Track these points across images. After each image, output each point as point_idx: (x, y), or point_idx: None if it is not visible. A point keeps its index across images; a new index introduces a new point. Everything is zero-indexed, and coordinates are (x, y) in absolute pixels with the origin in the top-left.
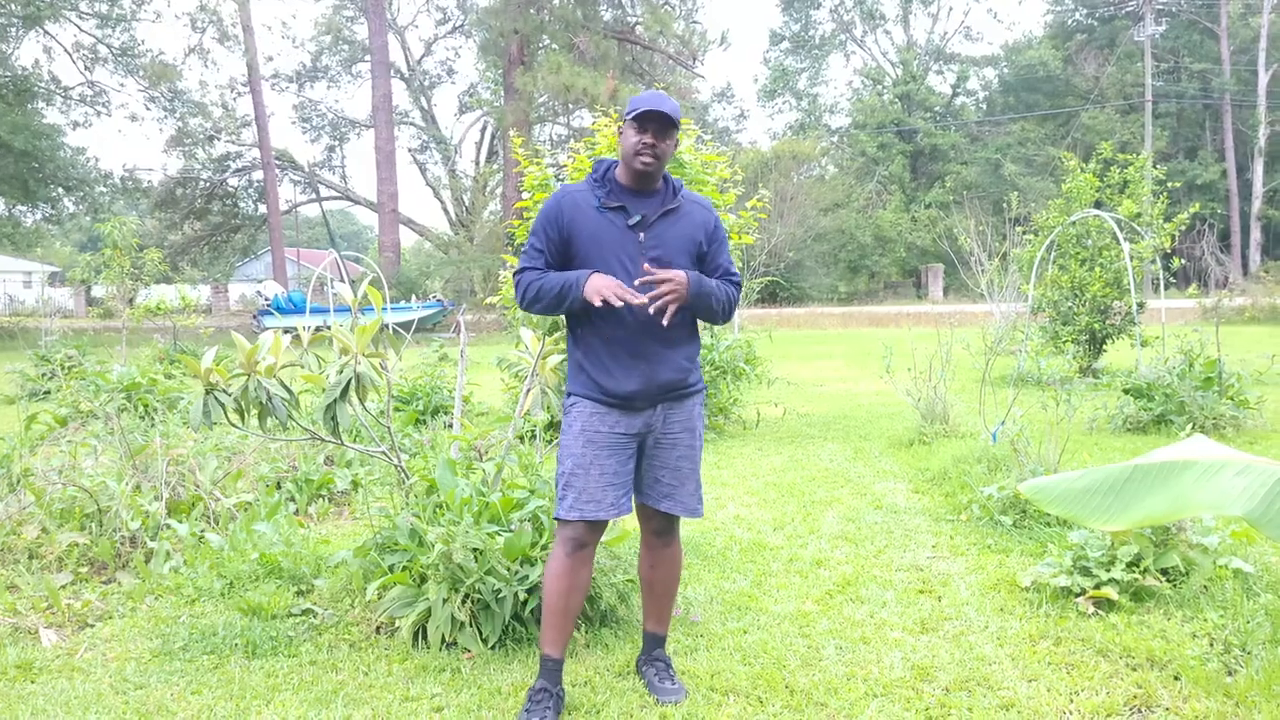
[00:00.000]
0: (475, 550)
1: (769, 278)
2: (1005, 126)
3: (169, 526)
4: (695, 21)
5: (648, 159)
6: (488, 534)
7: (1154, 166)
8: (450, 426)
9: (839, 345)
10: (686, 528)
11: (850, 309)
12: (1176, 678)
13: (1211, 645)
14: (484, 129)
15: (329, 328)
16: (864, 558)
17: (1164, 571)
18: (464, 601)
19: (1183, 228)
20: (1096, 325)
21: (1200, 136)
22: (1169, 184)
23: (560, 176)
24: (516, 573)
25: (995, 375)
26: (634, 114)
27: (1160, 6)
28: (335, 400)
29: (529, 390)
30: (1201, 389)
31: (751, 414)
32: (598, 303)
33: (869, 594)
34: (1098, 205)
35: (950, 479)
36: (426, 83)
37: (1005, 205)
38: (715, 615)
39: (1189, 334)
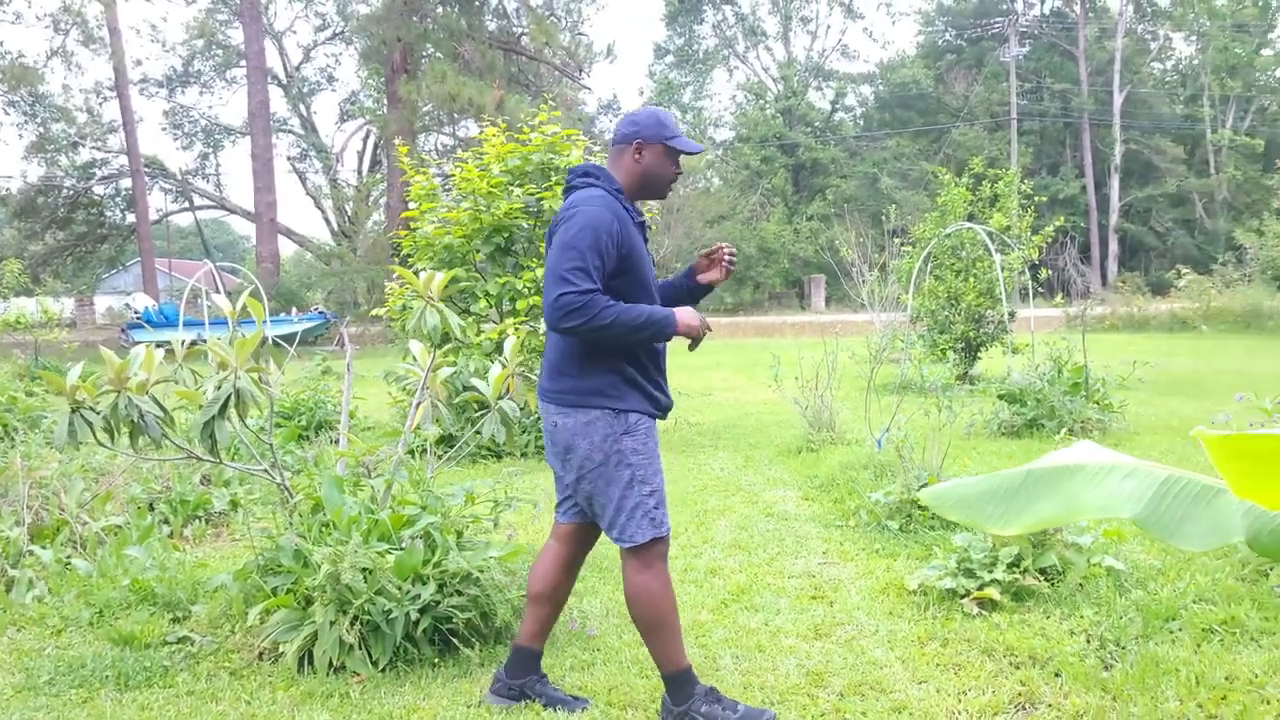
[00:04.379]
0: (364, 570)
1: None
2: (882, 142)
3: (31, 553)
4: (581, 34)
5: (668, 190)
6: (377, 553)
7: (1021, 181)
8: (336, 442)
9: (726, 355)
10: None
11: (736, 319)
12: (1057, 674)
13: (1088, 642)
14: (366, 137)
15: (205, 341)
16: (757, 565)
17: (1042, 571)
18: (353, 623)
19: (1049, 240)
20: (971, 333)
21: (1061, 153)
22: (1035, 198)
23: (447, 187)
24: (408, 592)
25: (879, 383)
26: (678, 147)
27: (1024, 29)
28: (213, 417)
29: (419, 404)
30: (1070, 394)
31: None
32: (689, 338)
33: (763, 602)
34: (970, 218)
35: (838, 485)
36: (305, 89)
37: (884, 217)
38: (611, 628)
39: (1058, 342)
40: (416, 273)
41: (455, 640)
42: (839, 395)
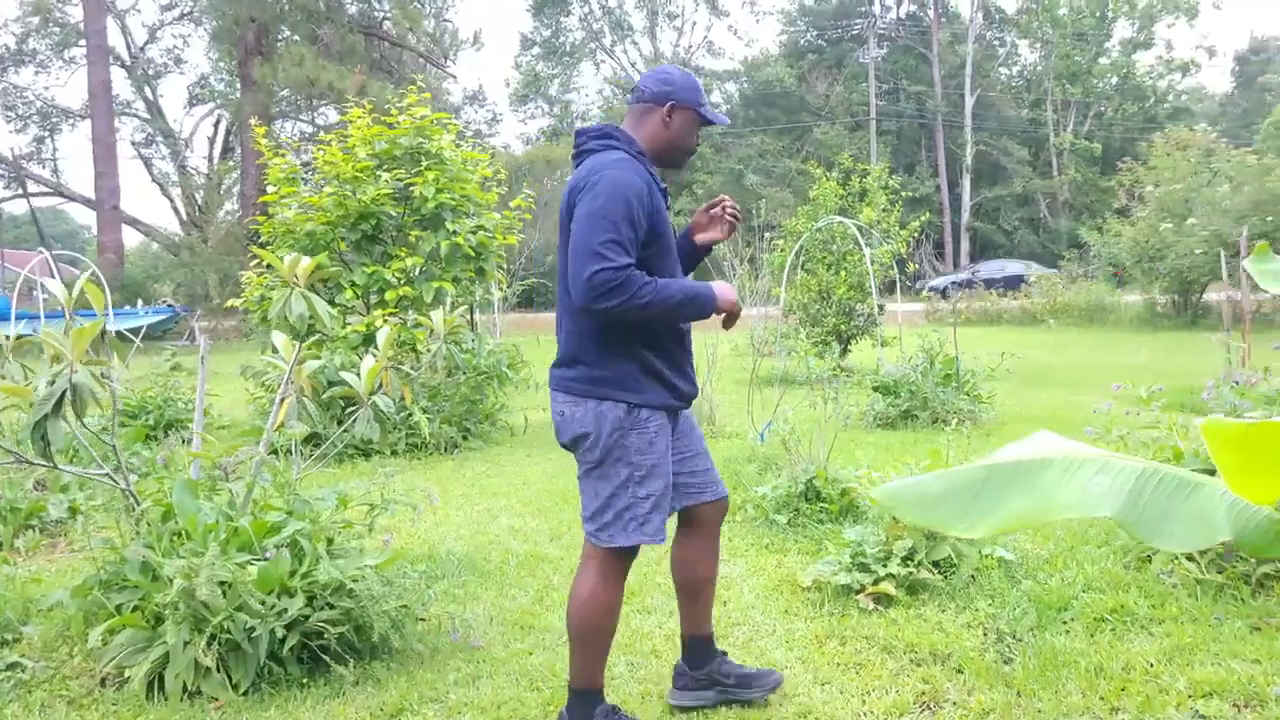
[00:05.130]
0: (222, 584)
1: (530, 281)
2: (747, 139)
3: None
4: (446, 20)
5: (686, 164)
6: (237, 564)
7: (889, 176)
8: (188, 442)
9: None
10: (462, 544)
11: None
12: (960, 670)
13: (985, 635)
14: (218, 123)
15: (36, 333)
16: (646, 564)
17: (936, 564)
18: (209, 643)
19: (915, 235)
20: (843, 326)
21: (917, 153)
22: (902, 194)
23: (306, 177)
24: (273, 606)
25: (758, 375)
26: (709, 117)
27: (881, 31)
28: (46, 416)
29: (283, 400)
30: (942, 386)
31: (519, 419)
32: (725, 315)
33: (655, 603)
34: (841, 212)
35: (726, 480)
36: (151, 71)
37: (754, 212)
38: (497, 637)
39: (929, 334)
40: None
41: (326, 657)
42: (718, 388)
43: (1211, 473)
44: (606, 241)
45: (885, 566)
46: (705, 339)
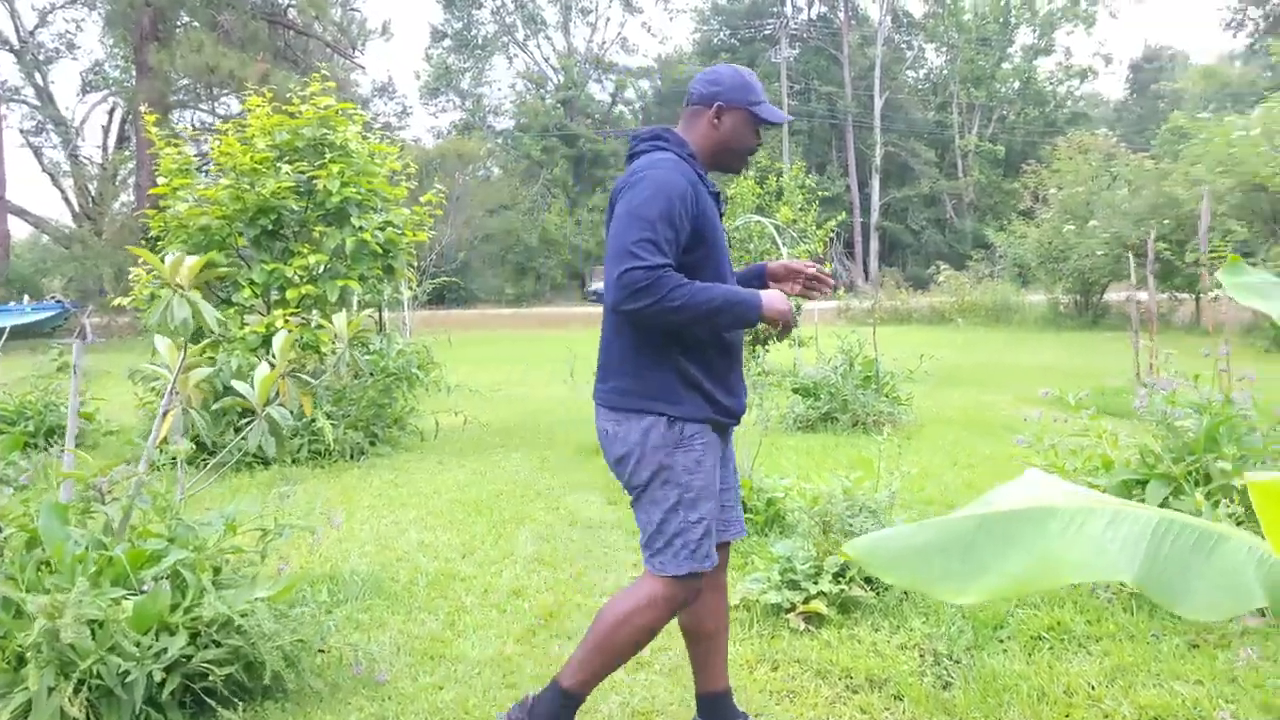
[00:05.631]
0: (93, 623)
1: (442, 279)
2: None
3: None
4: (354, 9)
5: (746, 165)
6: (110, 600)
7: (805, 176)
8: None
9: (513, 348)
10: (367, 561)
11: (519, 311)
12: (898, 698)
13: (922, 657)
14: (112, 111)
15: None
16: (564, 583)
17: (868, 580)
18: (77, 689)
19: (831, 234)
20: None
21: (828, 153)
22: (819, 193)
23: (205, 168)
24: (150, 647)
25: None
26: (762, 115)
27: (793, 32)
28: None
29: (167, 411)
30: (862, 388)
31: (430, 424)
32: (777, 327)
33: (575, 626)
34: (759, 210)
35: None
36: (42, 57)
37: None
38: (404, 670)
39: (848, 335)
40: (163, 257)
41: (212, 701)
42: None
43: (1144, 484)
44: (641, 240)
45: (816, 583)
46: None
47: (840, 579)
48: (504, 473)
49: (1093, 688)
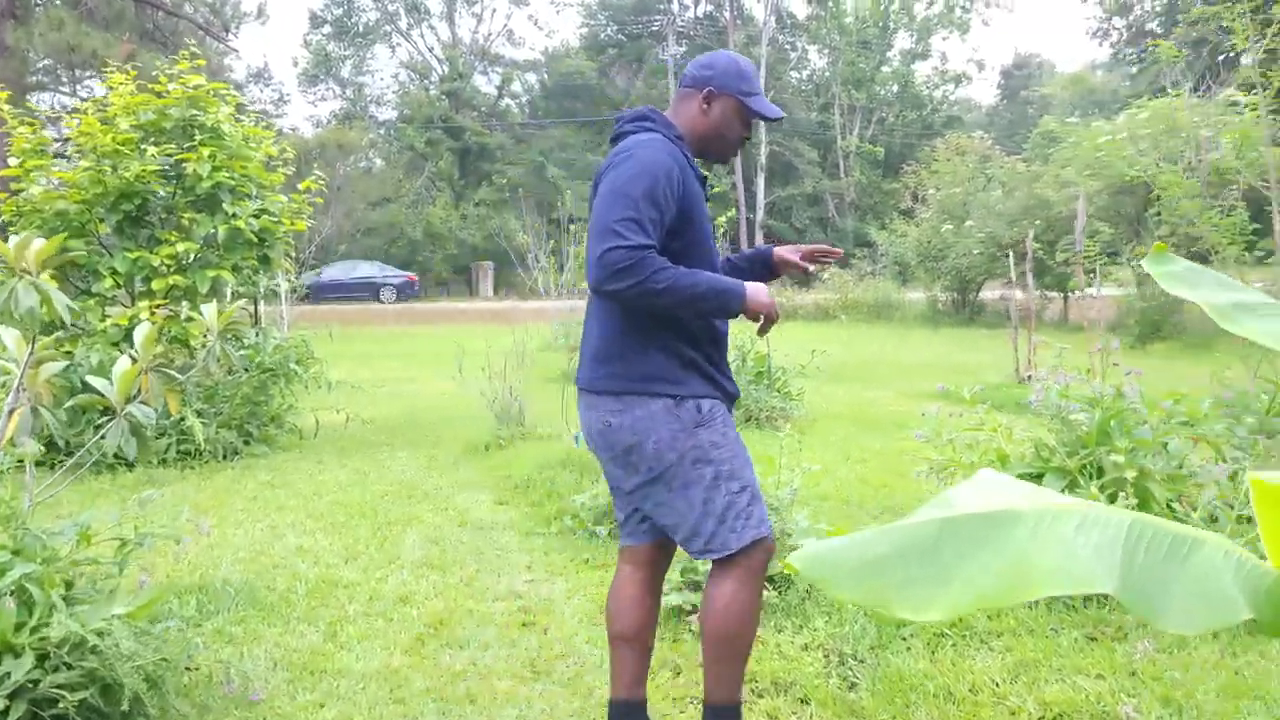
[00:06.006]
0: None
1: (321, 270)
2: (548, 131)
3: None
4: None
5: (734, 155)
6: None
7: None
8: None
9: (396, 343)
10: (240, 569)
11: (404, 306)
12: (804, 701)
13: (826, 658)
14: None
15: None
16: (455, 587)
17: (770, 579)
18: None
19: (722, 230)
20: None
21: None
22: (714, 187)
23: (63, 152)
24: None
25: (558, 373)
26: (753, 107)
27: (680, 29)
28: None
29: (13, 410)
30: (755, 383)
31: (309, 422)
32: (759, 322)
33: (467, 634)
34: None
35: (536, 487)
36: None
37: (560, 203)
38: (281, 687)
39: (739, 331)
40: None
41: None
42: (528, 387)
43: (1040, 477)
44: (624, 219)
45: None
46: (514, 333)
47: None
48: (389, 472)
49: (997, 685)
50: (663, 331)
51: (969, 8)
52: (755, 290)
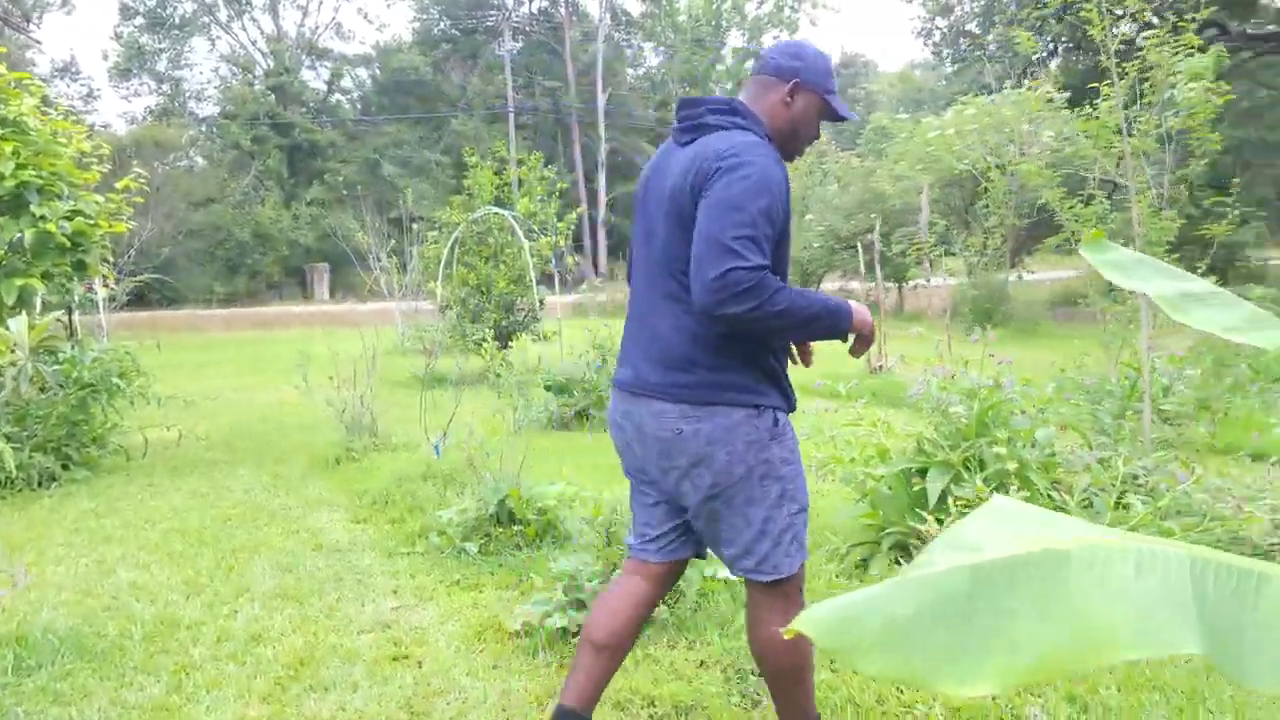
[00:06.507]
0: None
1: (145, 277)
2: (382, 127)
3: None
4: None
5: (800, 155)
6: None
7: (545, 168)
8: None
9: (227, 351)
10: (64, 613)
11: (233, 311)
12: None
13: (725, 675)
14: None
15: None
16: (314, 620)
17: None
18: None
19: (572, 226)
20: (505, 322)
21: (555, 148)
22: (560, 185)
23: None
24: None
25: (408, 377)
26: (835, 106)
27: (515, 25)
28: None
29: None
30: None
31: (137, 440)
32: (864, 342)
33: (332, 674)
34: (498, 202)
35: (396, 502)
36: None
37: (401, 202)
38: None
39: (599, 328)
40: None
41: None
42: (378, 393)
43: (924, 472)
44: (742, 237)
45: None
46: (363, 336)
47: None
48: (230, 493)
49: (902, 693)
50: (745, 343)
51: (797, 8)
52: (860, 309)
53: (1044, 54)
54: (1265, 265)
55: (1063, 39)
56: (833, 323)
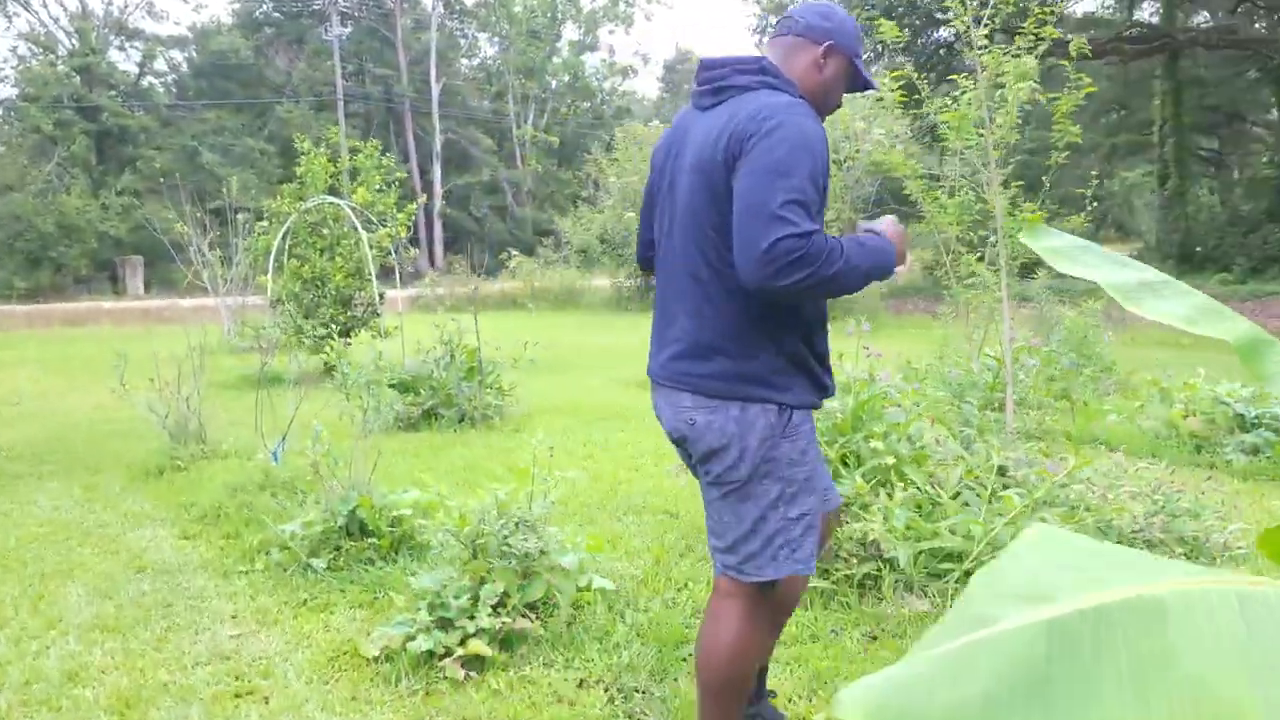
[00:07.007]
0: None
1: None
2: (200, 113)
3: None
4: None
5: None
6: None
7: (383, 156)
8: None
9: (29, 350)
10: None
11: (36, 307)
12: None
13: (608, 694)
14: None
15: None
16: (141, 654)
17: (531, 607)
18: None
19: (412, 218)
20: (343, 317)
21: (388, 138)
22: (398, 174)
23: None
24: None
25: (237, 378)
26: (863, 73)
27: (344, 10)
28: None
29: None
30: (467, 380)
31: None
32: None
33: (164, 716)
34: (332, 191)
35: (229, 516)
36: None
37: (225, 192)
38: None
39: (447, 324)
40: None
41: None
42: (206, 396)
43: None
44: (789, 203)
45: (474, 619)
46: (188, 334)
47: (500, 610)
48: (37, 509)
49: (793, 701)
50: (776, 325)
51: (633, 2)
52: (896, 236)
53: (872, 53)
54: None
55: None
56: (883, 265)
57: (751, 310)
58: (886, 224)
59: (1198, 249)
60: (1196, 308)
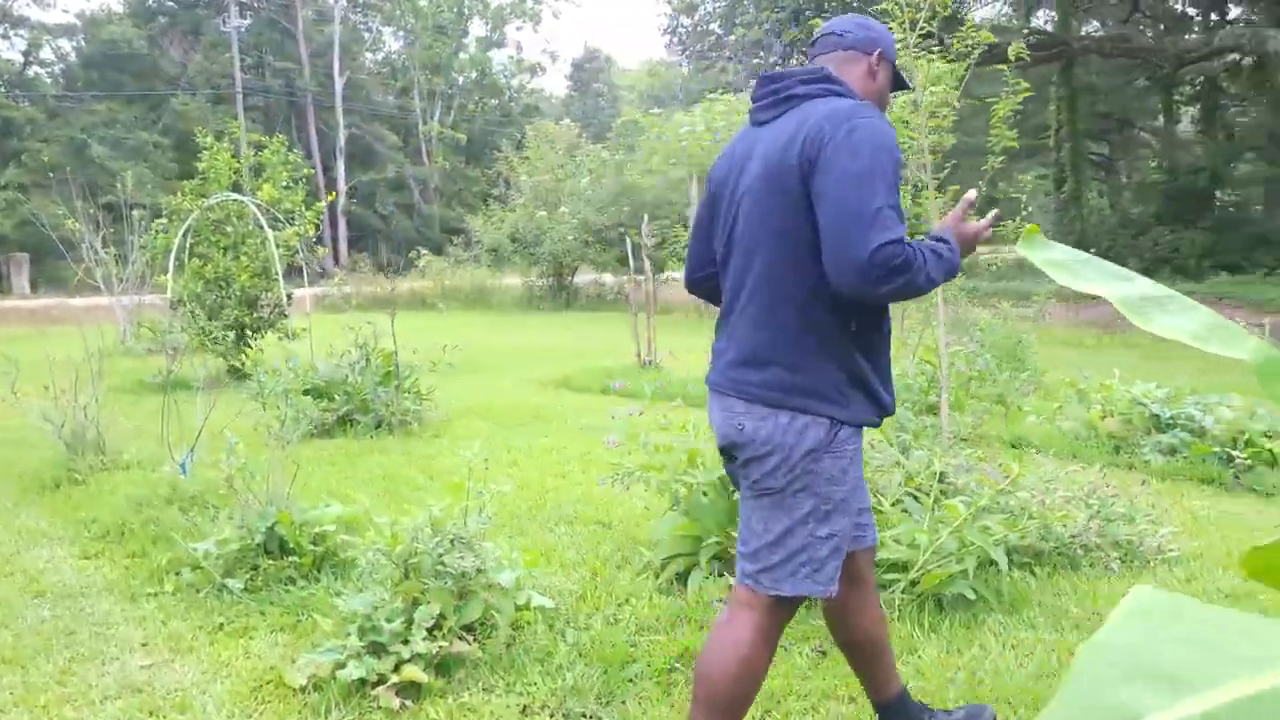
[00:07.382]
0: None
1: None
2: (90, 105)
3: None
4: None
5: None
6: None
7: (289, 151)
8: None
9: None
10: None
11: None
12: None
13: (552, 718)
14: None
15: None
16: (42, 689)
17: (468, 629)
18: None
19: (322, 215)
20: (247, 318)
21: (290, 133)
22: (306, 171)
23: None
24: None
25: (136, 382)
26: (900, 75)
27: (243, 1)
28: None
29: None
30: (384, 385)
31: None
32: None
33: None
34: (236, 188)
35: (135, 533)
36: None
37: (119, 187)
38: None
39: (361, 326)
40: None
41: None
42: (105, 402)
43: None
44: (881, 208)
45: (408, 644)
46: (85, 334)
47: (436, 633)
48: None
49: None
50: (849, 341)
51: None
52: (959, 231)
53: (780, 57)
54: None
55: (799, 42)
56: (954, 261)
57: (808, 326)
58: (959, 222)
59: (1091, 250)
60: (1205, 324)
